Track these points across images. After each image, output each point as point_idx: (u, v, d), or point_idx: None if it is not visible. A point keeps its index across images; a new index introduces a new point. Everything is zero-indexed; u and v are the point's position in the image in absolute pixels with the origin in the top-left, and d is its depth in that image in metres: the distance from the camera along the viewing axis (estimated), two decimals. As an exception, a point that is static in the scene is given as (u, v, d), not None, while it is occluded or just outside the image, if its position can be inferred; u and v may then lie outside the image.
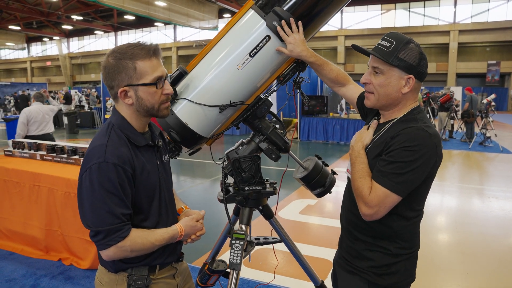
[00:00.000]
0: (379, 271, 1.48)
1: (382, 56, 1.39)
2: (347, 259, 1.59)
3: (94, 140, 1.35)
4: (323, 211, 5.14)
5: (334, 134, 11.34)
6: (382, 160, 1.38)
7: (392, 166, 1.34)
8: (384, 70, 1.41)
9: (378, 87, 1.43)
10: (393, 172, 1.33)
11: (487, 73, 27.14)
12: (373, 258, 1.48)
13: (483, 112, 10.78)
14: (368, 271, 1.49)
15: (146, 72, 1.31)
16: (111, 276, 1.42)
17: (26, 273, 3.28)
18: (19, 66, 45.68)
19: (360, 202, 1.40)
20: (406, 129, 1.36)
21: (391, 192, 1.33)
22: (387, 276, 1.47)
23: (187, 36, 34.85)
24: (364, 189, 1.38)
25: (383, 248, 1.47)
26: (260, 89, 1.83)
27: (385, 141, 1.40)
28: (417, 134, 1.34)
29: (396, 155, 1.34)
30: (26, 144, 4.13)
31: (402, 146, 1.33)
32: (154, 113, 1.38)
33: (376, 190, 1.35)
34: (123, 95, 1.34)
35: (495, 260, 3.68)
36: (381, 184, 1.35)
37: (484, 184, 6.90)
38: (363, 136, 1.51)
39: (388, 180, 1.34)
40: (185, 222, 1.48)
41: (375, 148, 1.45)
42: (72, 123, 14.27)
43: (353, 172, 1.44)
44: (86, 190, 1.28)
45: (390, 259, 1.46)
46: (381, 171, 1.36)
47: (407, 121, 1.42)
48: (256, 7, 1.73)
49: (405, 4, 28.24)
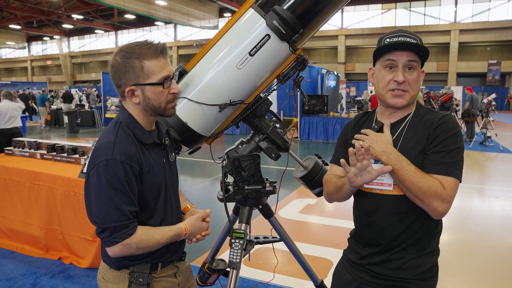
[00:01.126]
0: (426, 275, 1.41)
1: (424, 51, 1.37)
2: (386, 275, 1.44)
3: (102, 137, 1.36)
4: (323, 211, 5.14)
5: (335, 133, 11.34)
6: (436, 153, 1.33)
7: (451, 154, 1.32)
8: (417, 65, 1.39)
9: (414, 83, 1.39)
10: (454, 161, 1.32)
11: (488, 73, 27.13)
12: (420, 264, 1.40)
13: (483, 112, 10.78)
14: (415, 279, 1.40)
15: (153, 71, 1.31)
16: (114, 272, 1.43)
17: (26, 271, 3.28)
18: (19, 65, 45.71)
19: (435, 201, 1.28)
20: (444, 117, 1.37)
21: (458, 181, 1.32)
22: (431, 279, 1.43)
23: (188, 36, 34.86)
24: (438, 186, 1.28)
25: (428, 249, 1.42)
26: (260, 88, 1.83)
27: (427, 134, 1.36)
28: (453, 120, 1.38)
29: (450, 143, 1.33)
30: (26, 143, 4.13)
31: (451, 133, 1.34)
32: (160, 112, 1.38)
33: (449, 183, 1.30)
34: (130, 94, 1.34)
35: (495, 259, 3.68)
36: (451, 175, 1.30)
37: (484, 184, 6.89)
38: (385, 139, 1.39)
39: (454, 169, 1.31)
40: (190, 221, 1.48)
41: (414, 145, 1.37)
42: (73, 122, 14.28)
43: (409, 176, 1.30)
44: (93, 187, 1.28)
45: (434, 258, 1.43)
46: (443, 163, 1.31)
47: (428, 112, 1.43)
48: (256, 6, 1.73)
49: (405, 4, 28.23)
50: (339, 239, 3.96)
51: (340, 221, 4.59)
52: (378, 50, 1.40)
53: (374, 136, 1.40)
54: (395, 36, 1.38)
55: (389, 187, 1.39)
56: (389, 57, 1.38)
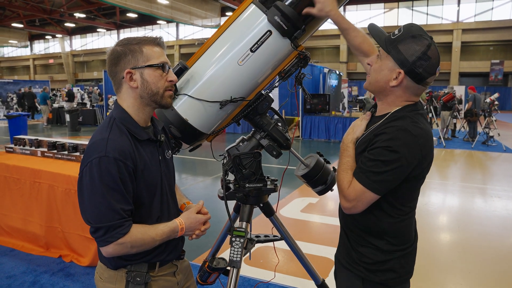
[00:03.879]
0: (372, 267, 1.47)
1: (382, 41, 1.39)
2: (341, 253, 1.60)
3: (95, 134, 1.33)
4: (324, 209, 5.12)
5: (336, 132, 11.33)
6: (364, 157, 1.38)
7: (371, 163, 1.34)
8: (382, 56, 1.41)
9: (373, 71, 1.44)
10: (371, 170, 1.33)
11: (491, 72, 27.04)
12: (364, 254, 1.48)
13: (486, 111, 10.73)
14: (359, 266, 1.49)
15: (153, 56, 1.33)
16: (111, 272, 1.40)
17: (26, 269, 3.28)
18: (21, 64, 45.80)
19: (340, 195, 1.43)
20: (389, 128, 1.35)
21: (367, 189, 1.34)
22: (381, 272, 1.46)
23: (190, 34, 34.86)
24: (344, 182, 1.40)
25: (373, 245, 1.46)
26: (262, 85, 1.81)
27: (370, 137, 1.40)
28: (398, 134, 1.32)
29: (377, 153, 1.34)
30: (27, 141, 4.13)
31: (383, 145, 1.32)
32: (158, 99, 1.36)
33: (354, 185, 1.37)
34: (128, 78, 1.33)
35: (498, 259, 3.66)
36: (359, 180, 1.36)
37: (487, 184, 6.86)
38: (355, 128, 1.51)
39: (365, 177, 1.34)
40: (184, 215, 1.45)
41: (363, 143, 1.44)
42: (74, 120, 14.30)
43: (339, 165, 1.46)
44: (86, 185, 1.26)
45: (382, 256, 1.45)
46: (361, 168, 1.37)
47: (394, 119, 1.39)
48: (258, 1, 1.71)
49: (408, 3, 28.16)
50: (341, 238, 3.93)
51: (341, 220, 4.56)
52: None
53: (355, 121, 1.55)
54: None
55: None
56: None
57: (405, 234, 1.48)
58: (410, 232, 1.50)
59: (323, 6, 1.65)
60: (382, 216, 1.43)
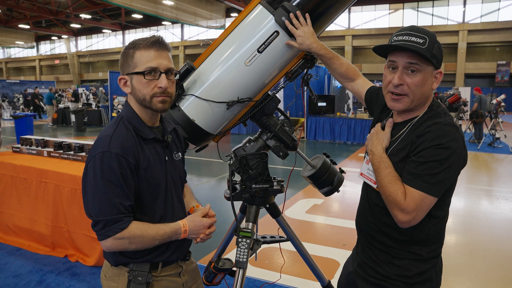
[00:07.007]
0: (411, 280, 1.38)
1: (425, 53, 1.27)
2: (370, 268, 1.47)
3: (103, 131, 1.36)
4: (329, 211, 5.10)
5: (341, 133, 11.31)
6: (412, 162, 1.28)
7: (425, 166, 1.25)
8: (421, 67, 1.29)
9: (415, 87, 1.30)
10: (427, 173, 1.25)
11: (497, 74, 26.85)
12: (403, 266, 1.38)
13: (492, 113, 10.66)
14: (397, 281, 1.40)
15: (141, 61, 1.32)
16: (114, 270, 1.41)
17: (32, 269, 3.29)
18: (28, 65, 46.14)
19: (395, 209, 1.29)
20: (433, 126, 1.28)
21: (427, 195, 1.25)
22: (419, 284, 1.38)
23: (195, 35, 34.93)
24: (398, 194, 1.27)
25: (415, 254, 1.38)
26: (268, 85, 1.81)
27: (411, 141, 1.31)
28: (447, 130, 1.26)
29: (427, 154, 1.25)
30: (33, 141, 4.15)
31: (433, 144, 1.25)
32: (146, 105, 1.35)
33: (411, 194, 1.26)
34: (122, 83, 1.38)
35: (505, 262, 3.62)
36: (416, 187, 1.25)
37: (493, 186, 6.80)
38: (381, 137, 1.40)
39: (422, 182, 1.25)
40: (189, 218, 1.44)
41: (401, 149, 1.35)
42: (80, 121, 14.37)
43: (380, 178, 1.33)
44: (89, 179, 1.28)
45: (423, 265, 1.38)
46: (413, 173, 1.27)
47: (431, 117, 1.33)
48: (265, 2, 1.71)
49: (413, 4, 28.03)
50: (346, 239, 3.93)
51: (346, 222, 4.55)
52: (376, 50, 1.37)
53: (375, 132, 1.44)
54: (402, 35, 1.32)
55: (374, 184, 1.44)
56: (391, 58, 1.35)
57: (442, 237, 1.43)
58: (444, 236, 1.46)
59: (303, 40, 1.66)
60: (429, 220, 1.35)
